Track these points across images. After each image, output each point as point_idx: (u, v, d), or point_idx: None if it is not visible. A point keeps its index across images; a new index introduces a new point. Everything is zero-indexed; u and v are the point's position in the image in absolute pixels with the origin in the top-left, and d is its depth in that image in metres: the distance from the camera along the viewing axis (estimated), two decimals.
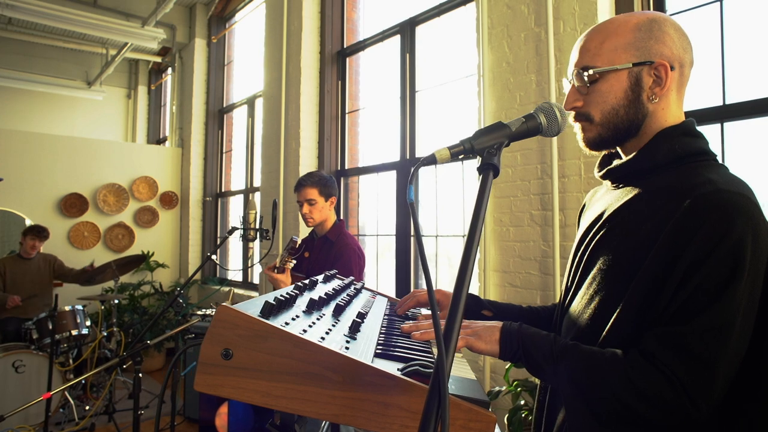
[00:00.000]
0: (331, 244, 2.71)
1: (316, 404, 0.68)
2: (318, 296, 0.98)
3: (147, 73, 9.07)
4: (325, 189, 2.73)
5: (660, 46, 1.00)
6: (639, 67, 1.00)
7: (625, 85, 1.01)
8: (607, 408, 0.87)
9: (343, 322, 0.92)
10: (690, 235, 0.84)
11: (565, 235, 2.76)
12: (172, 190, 6.94)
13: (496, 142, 0.85)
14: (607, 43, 1.02)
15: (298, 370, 0.68)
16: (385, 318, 1.13)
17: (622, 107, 1.01)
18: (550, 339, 0.95)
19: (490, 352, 0.96)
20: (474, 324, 1.01)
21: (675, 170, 0.97)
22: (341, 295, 1.14)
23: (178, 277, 6.87)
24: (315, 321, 0.85)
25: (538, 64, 2.94)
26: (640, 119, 1.01)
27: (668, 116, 1.02)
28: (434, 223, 4.06)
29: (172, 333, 2.51)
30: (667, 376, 0.82)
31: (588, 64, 1.03)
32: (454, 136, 3.92)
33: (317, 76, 4.97)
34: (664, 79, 0.99)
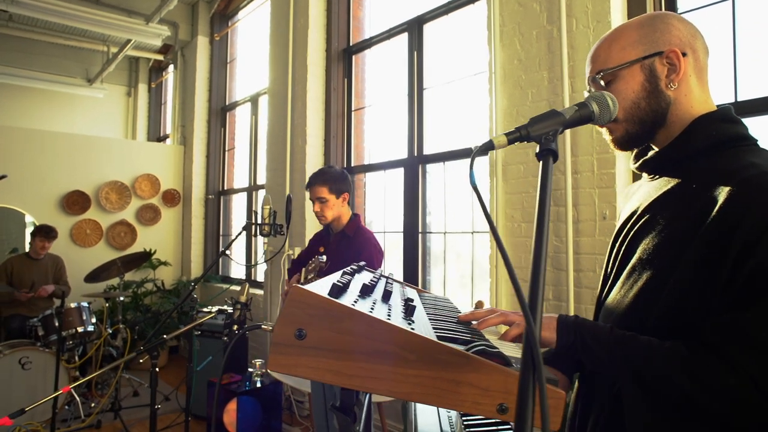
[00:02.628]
0: (349, 239, 2.71)
1: (389, 383, 0.69)
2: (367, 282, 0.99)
3: (147, 71, 9.04)
4: (336, 186, 2.72)
5: (666, 36, 1.03)
6: (650, 59, 1.03)
7: (641, 78, 1.03)
8: (671, 401, 0.87)
9: (395, 306, 0.93)
10: (739, 218, 0.84)
11: (578, 231, 2.78)
12: (175, 187, 6.93)
13: (551, 129, 0.86)
14: (615, 45, 1.06)
15: (371, 349, 0.69)
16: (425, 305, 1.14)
17: (643, 99, 1.03)
18: (606, 329, 0.96)
19: (547, 340, 0.98)
20: None
21: (715, 156, 0.98)
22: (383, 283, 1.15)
23: (180, 275, 6.86)
24: (372, 304, 0.86)
25: (551, 62, 2.96)
26: (663, 107, 1.03)
27: (693, 102, 1.03)
28: (443, 220, 4.07)
29: (188, 328, 2.51)
30: (732, 367, 0.81)
31: (601, 68, 1.06)
32: (463, 133, 3.94)
33: (323, 73, 4.98)
34: (677, 65, 1.01)
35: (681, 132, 1.03)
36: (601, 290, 1.17)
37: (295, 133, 4.98)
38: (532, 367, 0.54)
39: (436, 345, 0.70)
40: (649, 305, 0.96)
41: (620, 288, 1.06)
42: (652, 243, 0.99)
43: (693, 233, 0.91)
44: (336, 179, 2.73)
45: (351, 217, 2.79)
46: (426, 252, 4.22)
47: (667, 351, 0.87)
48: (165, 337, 2.48)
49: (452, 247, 4.05)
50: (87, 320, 4.53)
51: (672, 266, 0.93)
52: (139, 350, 2.40)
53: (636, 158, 1.16)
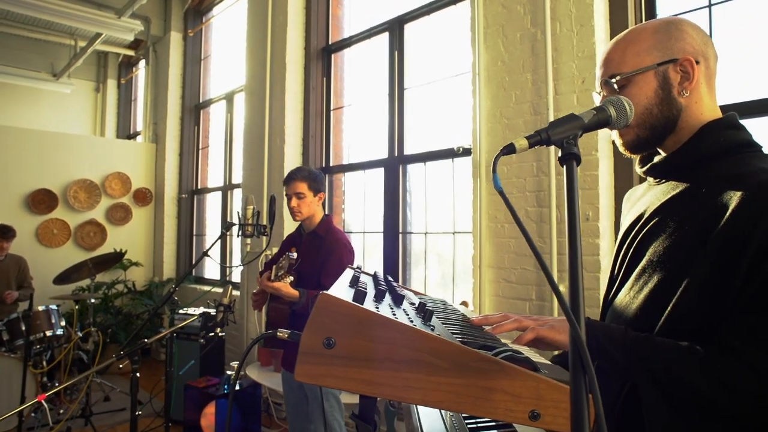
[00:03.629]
0: (320, 239, 2.70)
1: (420, 391, 0.68)
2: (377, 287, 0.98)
3: (117, 67, 8.80)
4: (315, 184, 2.71)
5: (681, 43, 1.04)
6: (664, 66, 1.04)
7: (654, 84, 1.05)
8: (691, 403, 0.88)
9: (410, 311, 0.92)
10: (753, 221, 0.85)
11: (561, 232, 2.81)
12: (146, 186, 6.76)
13: (571, 133, 0.86)
14: (629, 50, 1.07)
15: (403, 357, 0.68)
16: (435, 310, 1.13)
17: (655, 106, 1.05)
18: (620, 331, 0.96)
19: (563, 344, 0.97)
20: (542, 317, 1.03)
21: (723, 162, 1.00)
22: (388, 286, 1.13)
23: (152, 276, 6.69)
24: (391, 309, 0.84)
25: (534, 64, 2.99)
26: (675, 114, 1.05)
27: (703, 109, 1.06)
28: (423, 220, 4.07)
29: (171, 330, 2.45)
30: (752, 368, 0.82)
31: (614, 72, 1.07)
32: (444, 133, 3.95)
33: (302, 72, 4.92)
34: (691, 74, 1.03)
35: (690, 138, 1.04)
36: (608, 292, 1.18)
37: (273, 132, 4.91)
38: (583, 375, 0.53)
39: (468, 352, 0.69)
40: (660, 307, 0.97)
41: (629, 290, 1.07)
42: (662, 246, 1.00)
43: (704, 237, 0.92)
44: (315, 177, 2.72)
45: (323, 218, 2.78)
46: (406, 252, 4.22)
47: (685, 353, 0.88)
48: (146, 340, 2.41)
49: (433, 247, 4.06)
50: (56, 323, 4.37)
51: (683, 269, 0.94)
52: (120, 355, 2.33)
53: (642, 163, 1.17)
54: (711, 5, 2.71)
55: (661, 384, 0.90)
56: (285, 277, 2.23)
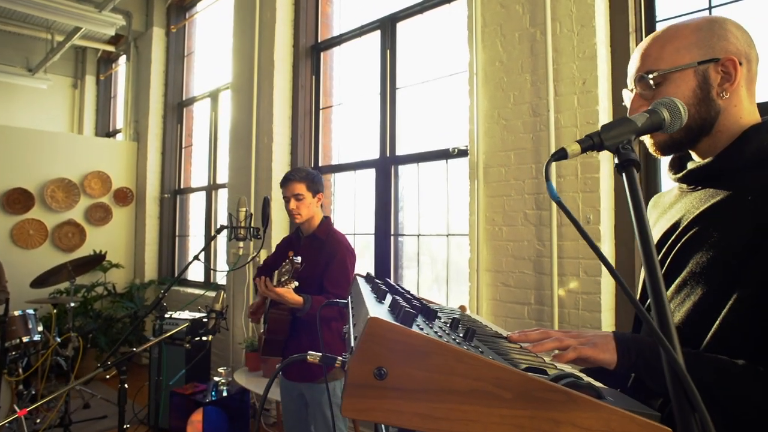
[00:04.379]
0: (321, 242, 2.60)
1: (481, 425, 0.61)
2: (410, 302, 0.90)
3: (95, 62, 8.55)
4: (313, 185, 2.62)
5: (724, 42, 0.99)
6: (705, 65, 0.99)
7: (693, 84, 1.00)
8: (747, 419, 0.83)
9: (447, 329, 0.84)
10: None
11: (561, 235, 2.77)
12: (127, 186, 6.57)
13: (625, 138, 0.80)
14: (669, 46, 1.02)
15: (463, 388, 0.60)
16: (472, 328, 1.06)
17: (692, 106, 0.99)
18: None
19: (608, 362, 0.91)
20: (584, 333, 0.96)
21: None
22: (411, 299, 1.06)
23: (133, 278, 6.51)
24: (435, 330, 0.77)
25: (533, 64, 2.94)
26: (713, 116, 1.00)
27: (742, 112, 1.01)
28: (416, 222, 4.01)
29: (159, 339, 2.34)
30: None
31: (651, 68, 1.01)
32: (438, 134, 3.89)
33: (290, 70, 4.82)
34: (733, 75, 0.98)
35: (731, 143, 0.99)
36: (643, 298, 1.13)
37: (260, 131, 4.80)
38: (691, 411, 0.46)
39: (533, 381, 0.62)
40: (706, 322, 0.92)
41: (669, 301, 1.01)
42: (705, 257, 0.95)
43: (755, 249, 0.87)
44: (313, 178, 2.63)
45: (322, 220, 2.69)
46: (398, 255, 4.15)
47: (743, 371, 0.83)
48: (134, 349, 2.29)
49: (426, 249, 4.00)
50: (33, 329, 4.19)
51: (731, 282, 0.89)
52: (107, 365, 2.21)
53: (674, 168, 1.11)
54: (711, 7, 2.69)
55: (717, 404, 0.84)
56: (289, 283, 2.13)
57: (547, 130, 2.82)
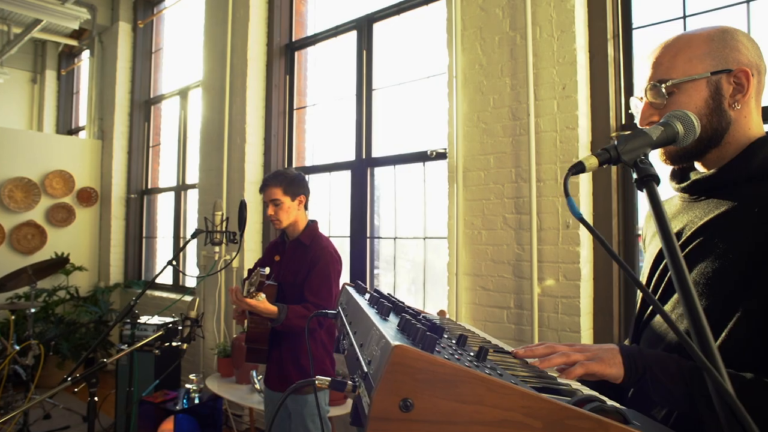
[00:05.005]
0: (305, 247, 2.53)
1: None
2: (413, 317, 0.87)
3: (56, 57, 8.22)
4: (291, 188, 2.54)
5: (736, 54, 1.00)
6: (717, 76, 0.99)
7: (705, 94, 1.00)
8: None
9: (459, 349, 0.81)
10: None
11: (541, 239, 2.78)
12: (91, 185, 6.34)
13: (642, 152, 0.78)
14: (681, 55, 1.02)
15: (492, 418, 0.57)
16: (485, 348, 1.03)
17: (704, 116, 0.99)
18: (675, 359, 0.90)
19: (615, 377, 0.89)
20: (589, 346, 0.94)
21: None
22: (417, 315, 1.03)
23: (97, 281, 6.28)
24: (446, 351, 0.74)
25: (513, 68, 2.95)
26: (724, 127, 1.00)
27: (751, 124, 1.02)
28: (393, 225, 3.98)
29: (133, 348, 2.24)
30: None
31: (663, 77, 1.01)
32: (415, 136, 3.86)
33: (264, 68, 4.72)
34: (745, 86, 0.99)
35: (738, 154, 0.99)
36: (641, 311, 1.12)
37: (233, 131, 4.68)
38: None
39: (563, 409, 0.59)
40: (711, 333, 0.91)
41: (670, 312, 1.01)
42: (710, 268, 0.94)
43: (761, 261, 0.87)
44: (291, 181, 2.55)
45: (308, 224, 2.62)
46: (374, 257, 4.11)
47: (751, 384, 0.82)
48: (105, 361, 2.19)
49: (403, 252, 3.97)
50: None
51: (737, 294, 0.89)
52: (75, 378, 2.10)
53: (676, 178, 1.11)
54: (686, 17, 2.75)
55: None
56: (256, 295, 2.06)
57: (527, 134, 2.83)
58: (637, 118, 1.11)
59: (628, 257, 2.77)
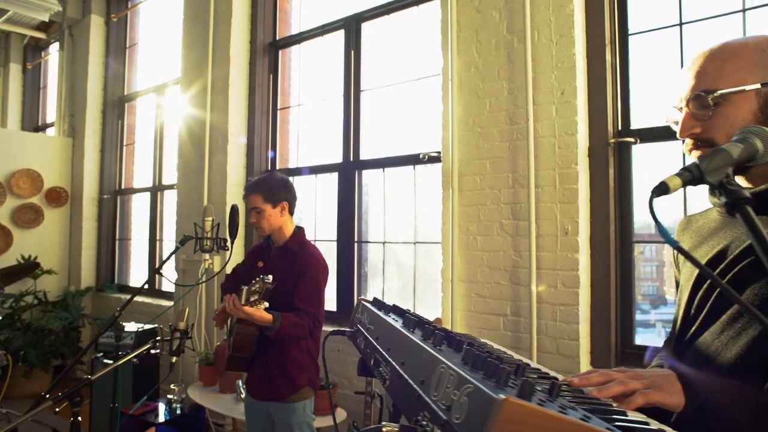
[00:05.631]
0: (293, 254, 2.44)
1: None
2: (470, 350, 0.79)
3: (21, 49, 7.86)
4: (271, 194, 2.43)
5: None
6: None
7: (754, 106, 0.96)
8: None
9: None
10: None
11: (540, 246, 2.75)
12: (61, 185, 6.06)
13: (725, 171, 0.73)
14: (728, 65, 0.97)
15: None
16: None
17: None
18: (736, 387, 0.85)
19: (675, 406, 0.84)
20: (642, 372, 0.88)
21: None
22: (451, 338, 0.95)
23: (67, 285, 6.02)
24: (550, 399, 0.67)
25: (511, 72, 2.90)
26: None
27: None
28: (381, 229, 3.90)
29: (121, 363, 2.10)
30: None
31: (709, 88, 0.96)
32: (405, 139, 3.80)
33: (247, 67, 4.59)
34: None
35: None
36: (683, 329, 1.07)
37: (214, 131, 4.53)
38: None
39: None
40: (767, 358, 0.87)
41: (719, 333, 0.96)
42: (765, 290, 0.90)
43: None
44: (272, 187, 2.44)
45: (294, 231, 2.53)
46: (362, 263, 4.03)
47: None
48: (91, 377, 2.05)
49: (392, 257, 3.90)
50: None
51: None
52: (57, 397, 1.96)
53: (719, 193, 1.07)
54: (682, 24, 2.75)
55: None
56: (259, 303, 1.97)
57: (525, 139, 2.79)
58: (675, 129, 1.06)
59: (625, 264, 2.76)
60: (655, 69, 2.86)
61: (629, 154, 2.80)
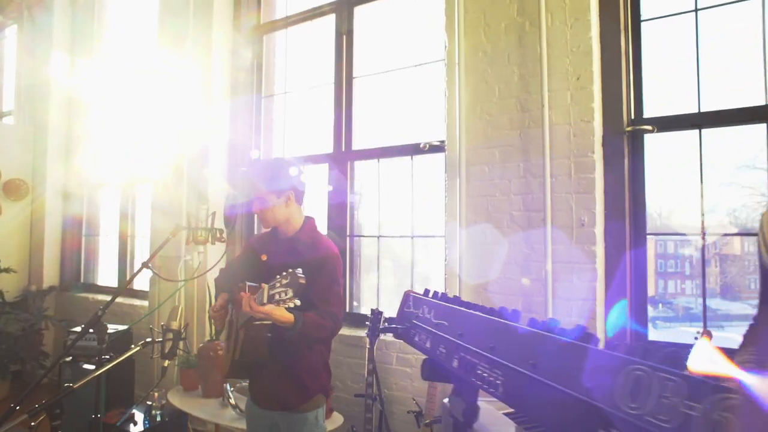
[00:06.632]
0: (305, 246, 2.17)
1: None
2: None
3: None
4: (275, 183, 2.14)
5: None
6: None
7: None
8: None
9: None
10: None
11: (556, 240, 2.62)
12: (21, 177, 5.63)
13: None
14: None
15: None
16: None
17: None
18: None
19: None
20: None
21: None
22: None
23: (27, 284, 5.60)
24: None
25: (522, 57, 2.77)
26: None
27: None
28: (376, 222, 3.72)
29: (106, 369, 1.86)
30: None
31: None
32: (401, 128, 3.63)
33: (229, 52, 4.33)
34: None
35: None
36: None
37: (194, 119, 4.25)
38: None
39: None
40: None
41: None
42: None
43: None
44: (275, 175, 2.13)
45: (304, 221, 2.26)
46: (355, 257, 3.84)
47: None
48: (72, 386, 1.81)
49: (387, 252, 3.73)
50: None
51: None
52: (32, 410, 1.70)
53: None
54: (697, 10, 2.67)
55: None
56: (289, 302, 1.70)
57: (541, 128, 2.66)
58: None
59: (639, 258, 2.66)
60: (669, 56, 2.78)
61: (642, 143, 2.70)
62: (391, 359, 3.21)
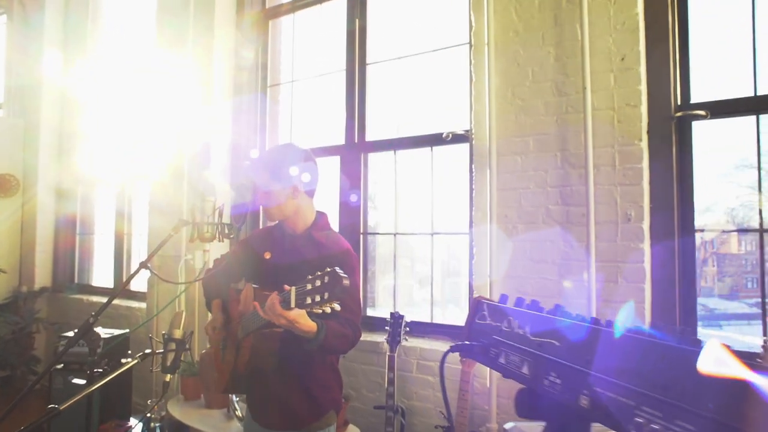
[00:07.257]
0: (316, 246, 1.92)
1: None
2: None
3: None
4: (279, 172, 1.85)
5: None
6: None
7: None
8: None
9: None
10: None
11: (599, 236, 2.38)
12: (10, 173, 5.35)
13: None
14: None
15: None
16: None
17: None
18: None
19: None
20: None
21: None
22: None
23: (17, 285, 5.32)
24: None
25: (558, 36, 2.53)
26: None
27: None
28: (392, 219, 3.47)
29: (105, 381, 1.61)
30: None
31: None
32: (421, 117, 3.38)
33: (233, 39, 4.07)
34: None
35: None
36: None
37: (195, 112, 3.99)
38: None
39: None
40: None
41: None
42: None
43: None
44: (281, 164, 1.86)
45: (316, 218, 1.99)
46: (369, 257, 3.59)
47: None
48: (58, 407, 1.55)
49: (404, 251, 3.48)
50: None
51: None
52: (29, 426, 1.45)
53: None
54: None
55: None
56: (326, 306, 1.41)
57: (580, 113, 2.42)
58: None
59: (687, 255, 2.42)
60: (718, 36, 2.54)
61: (690, 130, 2.46)
62: (411, 366, 2.96)
